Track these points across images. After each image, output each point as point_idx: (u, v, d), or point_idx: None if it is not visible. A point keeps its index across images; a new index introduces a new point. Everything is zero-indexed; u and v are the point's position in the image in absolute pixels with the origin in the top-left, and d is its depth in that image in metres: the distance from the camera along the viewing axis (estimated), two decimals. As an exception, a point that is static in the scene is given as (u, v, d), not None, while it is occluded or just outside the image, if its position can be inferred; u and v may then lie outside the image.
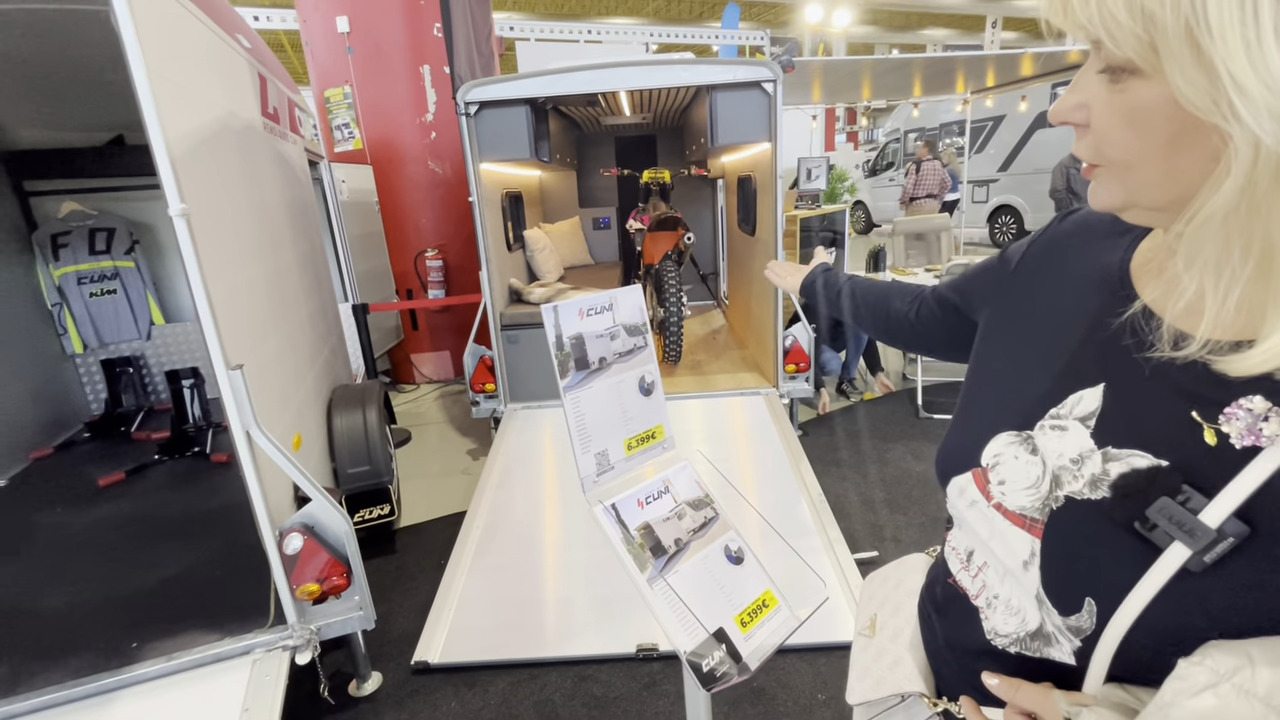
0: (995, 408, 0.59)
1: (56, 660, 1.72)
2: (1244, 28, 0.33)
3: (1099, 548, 0.48)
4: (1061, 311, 0.57)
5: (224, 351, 1.53)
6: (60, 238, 3.50)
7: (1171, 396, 0.46)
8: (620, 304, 1.07)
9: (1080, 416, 0.51)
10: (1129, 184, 0.44)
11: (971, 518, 0.59)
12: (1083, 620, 0.49)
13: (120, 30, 1.32)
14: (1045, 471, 0.52)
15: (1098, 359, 0.52)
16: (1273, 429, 0.41)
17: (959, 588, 0.63)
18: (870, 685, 0.73)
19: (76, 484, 2.85)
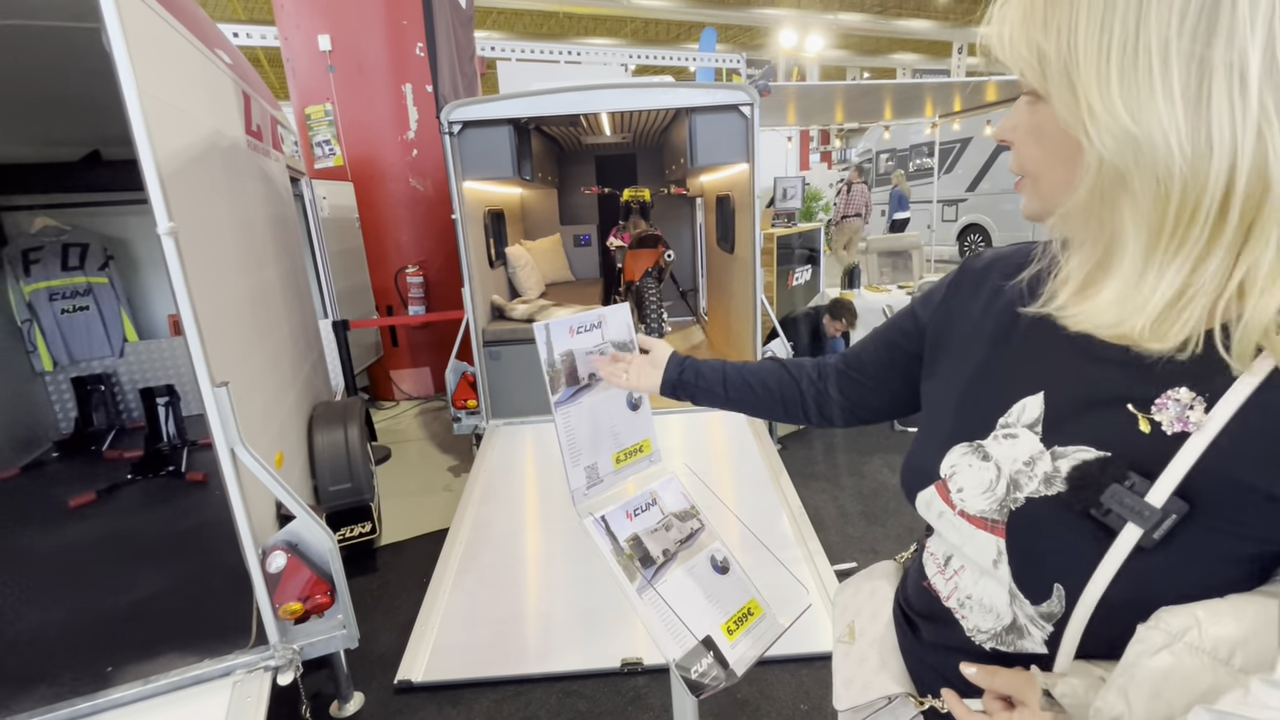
0: (947, 424, 0.65)
1: (27, 687, 1.67)
2: (1098, 68, 0.44)
3: (1061, 537, 0.52)
4: (992, 333, 0.63)
5: (209, 368, 1.53)
6: (32, 253, 3.44)
7: (1105, 395, 0.52)
8: (609, 322, 1.11)
9: (1027, 423, 0.57)
10: (1041, 192, 0.53)
11: (942, 527, 0.64)
12: (1053, 605, 0.53)
13: (112, 48, 1.34)
14: (1000, 475, 0.57)
15: (1031, 370, 0.58)
16: (1197, 415, 0.47)
17: (932, 590, 0.67)
18: (858, 690, 0.76)
19: (45, 505, 2.77)
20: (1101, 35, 0.43)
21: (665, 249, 4.06)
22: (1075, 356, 0.55)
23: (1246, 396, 0.45)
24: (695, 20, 16.74)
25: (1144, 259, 0.46)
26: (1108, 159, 0.44)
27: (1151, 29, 0.42)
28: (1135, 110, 0.43)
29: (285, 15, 4.60)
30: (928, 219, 10.29)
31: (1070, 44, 0.45)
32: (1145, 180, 0.44)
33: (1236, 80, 0.40)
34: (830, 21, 16.67)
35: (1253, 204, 0.41)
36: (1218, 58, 0.40)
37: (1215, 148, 0.41)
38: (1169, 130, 0.42)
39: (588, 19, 17.93)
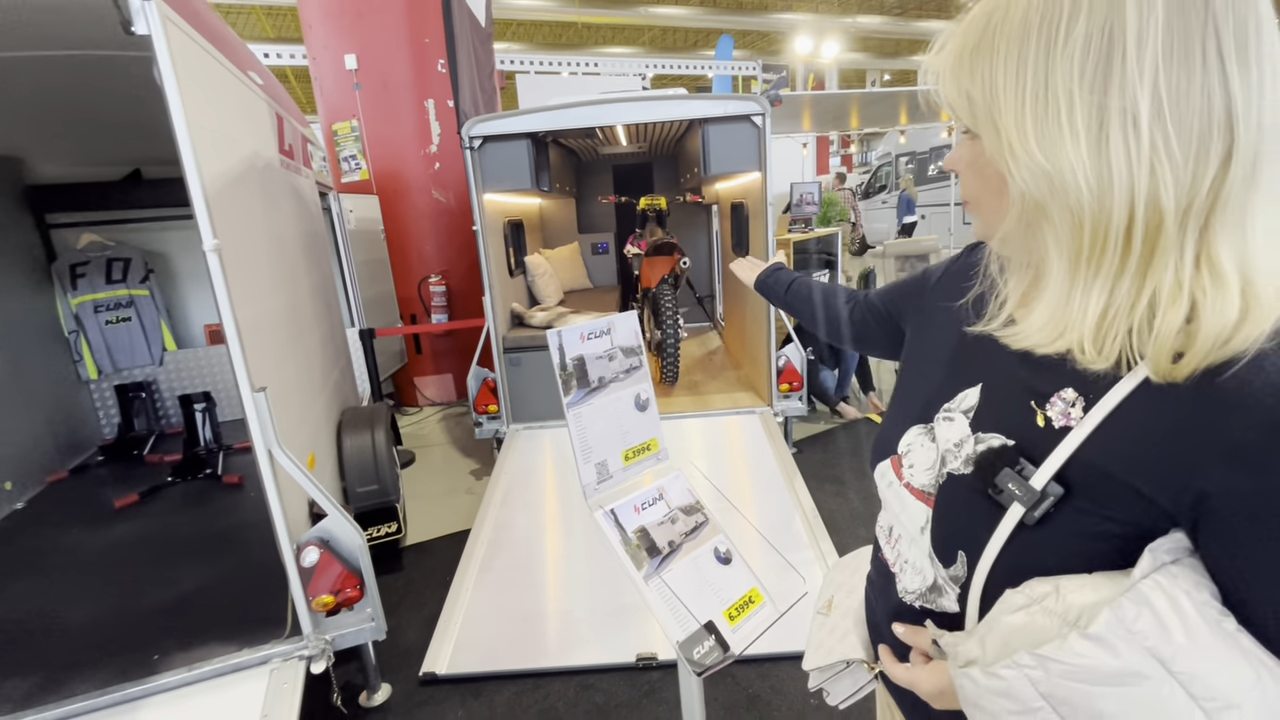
0: (909, 405, 0.73)
1: (83, 671, 1.80)
2: (1016, 113, 0.50)
3: (967, 511, 0.60)
4: (954, 325, 0.71)
5: (249, 374, 1.64)
6: (79, 268, 3.64)
7: (1019, 390, 0.59)
8: (617, 328, 1.19)
9: (964, 410, 0.64)
10: (981, 217, 0.61)
11: (889, 496, 0.72)
12: (958, 570, 0.61)
13: (162, 78, 1.46)
14: (937, 455, 0.65)
15: (977, 362, 0.66)
16: (1077, 413, 0.53)
17: (883, 558, 0.75)
18: (821, 655, 0.85)
19: (93, 506, 2.94)
20: (1017, 84, 0.50)
21: (681, 256, 4.13)
22: (1007, 355, 0.62)
23: (1119, 401, 0.51)
24: (712, 27, 16.83)
25: (1069, 281, 0.52)
26: (1028, 192, 0.51)
27: (1058, 79, 0.48)
28: (1048, 150, 0.49)
29: (314, 36, 4.78)
30: (947, 222, 10.23)
31: (992, 91, 0.52)
32: (1060, 211, 0.50)
33: (1130, 124, 0.46)
34: (849, 25, 16.64)
35: (1152, 231, 0.47)
36: (1113, 104, 0.46)
37: (1115, 182, 0.47)
38: (1076, 167, 0.48)
39: (605, 28, 18.13)
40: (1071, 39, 0.47)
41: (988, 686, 0.51)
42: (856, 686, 0.82)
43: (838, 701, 0.84)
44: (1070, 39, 0.47)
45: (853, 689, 0.83)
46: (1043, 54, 0.48)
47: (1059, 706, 0.48)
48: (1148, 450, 0.49)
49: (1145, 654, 0.45)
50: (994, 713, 0.51)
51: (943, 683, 0.61)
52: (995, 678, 0.50)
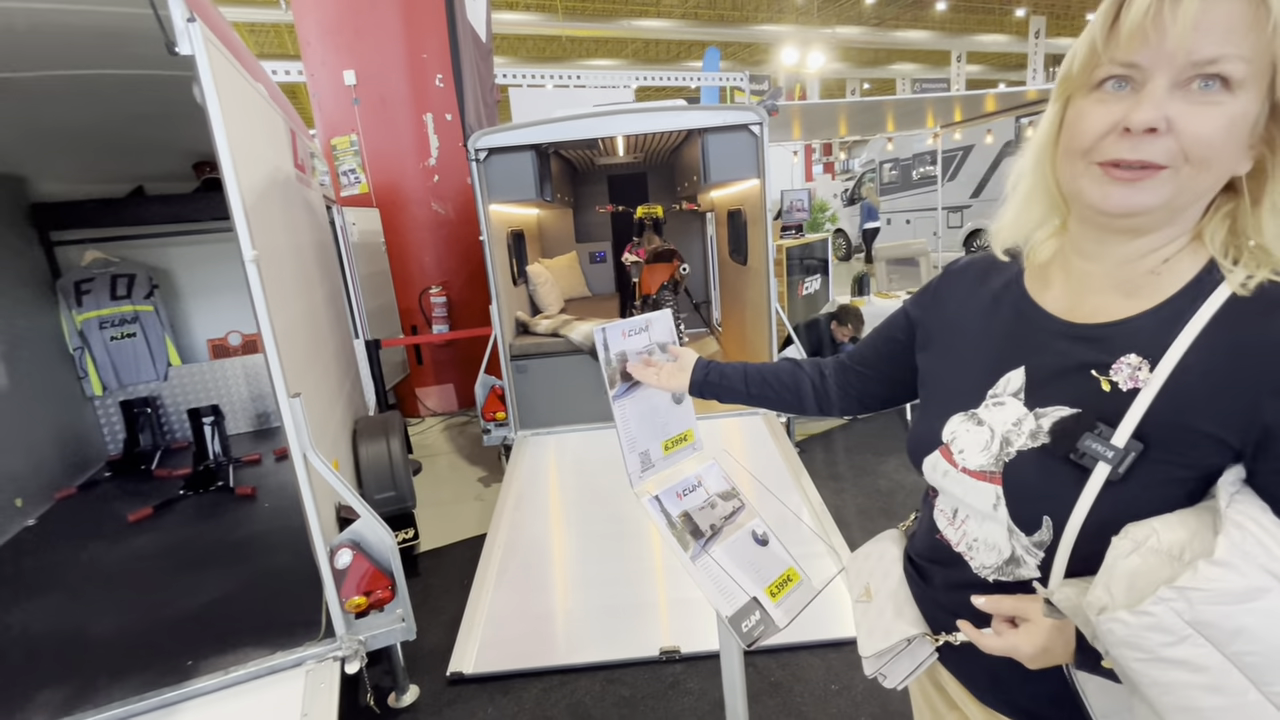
0: (945, 400, 0.78)
1: (118, 679, 1.82)
2: None
3: (1047, 479, 0.65)
4: (978, 321, 0.78)
5: (285, 381, 1.69)
6: (83, 284, 3.65)
7: (1073, 364, 0.66)
8: (655, 325, 1.26)
9: (1012, 392, 0.70)
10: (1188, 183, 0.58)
11: (948, 484, 0.76)
12: (1043, 535, 0.66)
13: (204, 96, 1.51)
14: (994, 436, 0.70)
15: (1014, 348, 0.72)
16: (1144, 374, 0.61)
17: (944, 540, 0.79)
18: (880, 637, 0.85)
19: (105, 520, 2.94)
20: None
21: (680, 263, 4.22)
22: (1043, 337, 0.68)
23: (1181, 355, 0.58)
24: (694, 39, 17.11)
25: None
26: None
27: None
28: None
29: (311, 52, 4.84)
30: (933, 226, 10.44)
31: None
32: None
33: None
34: (829, 35, 16.98)
35: None
36: None
37: None
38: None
39: (589, 41, 18.35)
40: None
41: (1139, 624, 0.54)
42: (916, 663, 0.84)
43: (895, 683, 0.86)
44: None
45: (912, 666, 0.84)
46: None
47: (1204, 630, 0.52)
48: (1215, 395, 0.57)
49: (1261, 570, 0.51)
50: (1150, 648, 0.54)
51: (1042, 641, 0.65)
52: (1145, 615, 0.54)
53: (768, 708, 1.96)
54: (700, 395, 1.14)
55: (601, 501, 3.02)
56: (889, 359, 0.94)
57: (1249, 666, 0.52)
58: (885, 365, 0.96)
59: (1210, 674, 0.52)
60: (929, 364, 0.85)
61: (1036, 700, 0.73)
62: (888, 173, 11.79)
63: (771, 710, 1.95)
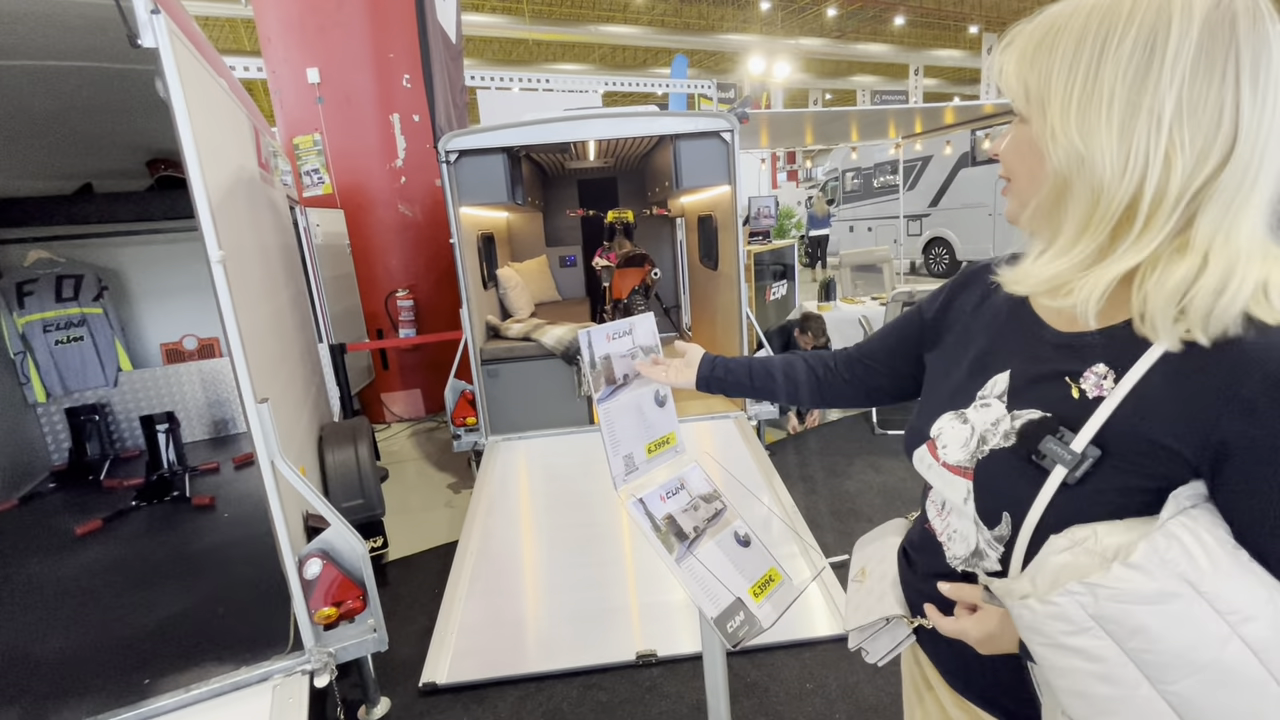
0: (939, 398, 0.82)
1: (66, 701, 1.73)
2: (1063, 102, 0.60)
3: (1010, 477, 0.68)
4: (980, 324, 0.81)
5: (253, 386, 1.64)
6: (26, 285, 3.47)
7: (1049, 371, 0.69)
8: (638, 329, 1.26)
9: (998, 395, 0.73)
10: (1014, 195, 0.70)
11: (931, 477, 0.80)
12: (1002, 530, 0.69)
13: (168, 90, 1.46)
14: (973, 434, 0.73)
15: (1005, 352, 0.75)
16: (1109, 384, 0.63)
17: (930, 530, 0.83)
18: (863, 614, 0.92)
19: (50, 534, 2.79)
20: (1069, 77, 0.60)
21: (651, 267, 4.24)
22: (1033, 344, 0.72)
23: (1145, 371, 0.61)
24: (660, 46, 17.25)
25: (1073, 241, 0.62)
26: (1060, 169, 0.61)
27: (1104, 77, 0.58)
28: (1085, 135, 0.59)
29: (273, 49, 4.72)
30: (894, 234, 10.73)
31: (1047, 82, 0.62)
32: (1082, 187, 0.60)
33: (1155, 121, 0.56)
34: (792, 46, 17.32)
35: (1153, 209, 0.58)
36: (1145, 103, 0.57)
37: (1131, 167, 0.57)
38: (1105, 152, 0.58)
39: (556, 45, 18.31)
40: (1121, 46, 0.57)
41: (1044, 612, 0.58)
42: (895, 642, 0.89)
43: (876, 659, 0.91)
44: (1120, 46, 0.57)
45: (890, 645, 0.89)
46: (1096, 55, 0.58)
47: (1106, 624, 0.55)
48: (1174, 410, 0.58)
49: (1177, 578, 0.53)
50: (1050, 634, 0.58)
51: (989, 628, 0.69)
52: (1050, 604, 0.57)
53: (744, 708, 1.97)
54: (707, 390, 1.17)
55: (574, 506, 3.00)
56: (897, 355, 0.97)
57: (1146, 664, 0.54)
58: (893, 360, 0.98)
59: (1105, 665, 0.56)
60: (933, 363, 0.89)
61: (994, 687, 0.78)
62: (850, 181, 12.07)
63: (748, 710, 1.96)
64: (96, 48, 1.79)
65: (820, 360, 1.08)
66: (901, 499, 3.28)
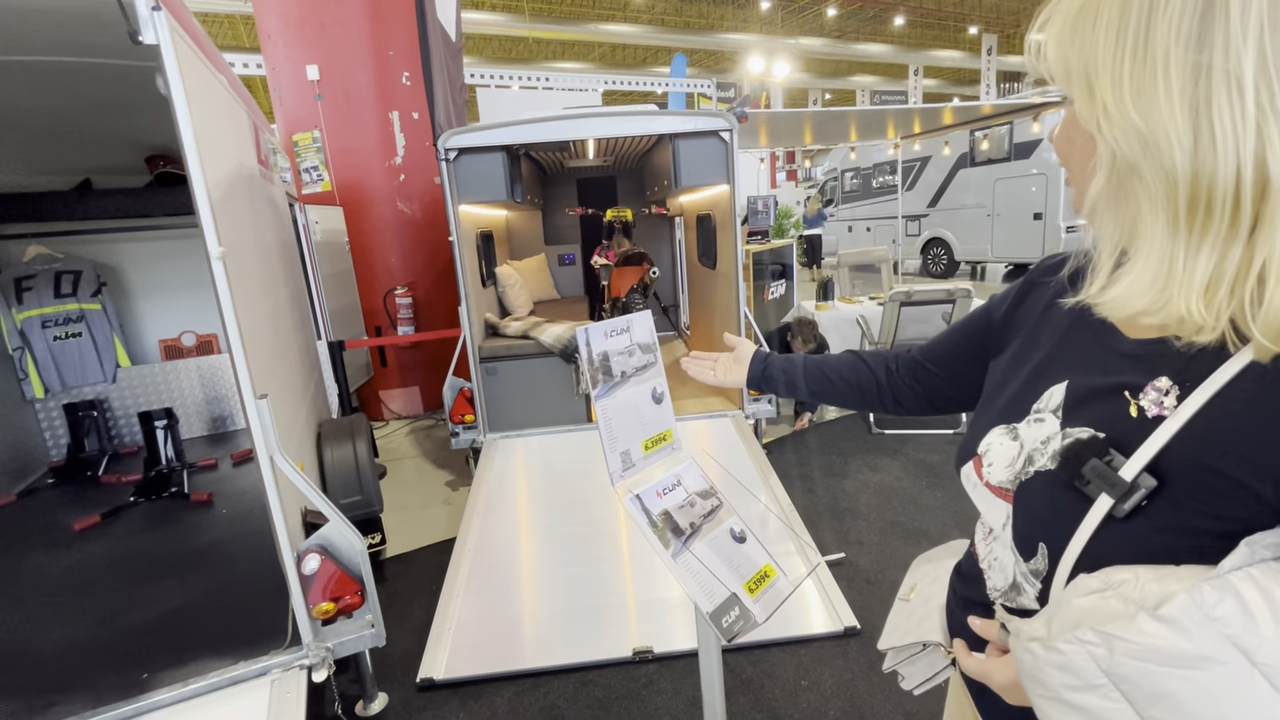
0: (992, 410, 0.73)
1: (66, 695, 1.73)
2: (1113, 74, 0.50)
3: (1050, 504, 0.59)
4: (1040, 330, 0.72)
5: (252, 382, 1.64)
6: (24, 281, 3.47)
7: (1110, 383, 0.58)
8: (635, 326, 1.27)
9: (1053, 409, 0.63)
10: (1073, 185, 0.59)
11: (976, 497, 0.71)
12: (1038, 563, 0.60)
13: (169, 87, 1.46)
14: (1021, 452, 0.64)
15: (1066, 360, 0.65)
16: (1170, 401, 0.53)
17: (975, 553, 0.75)
18: (899, 635, 0.85)
19: (49, 529, 2.80)
20: (1117, 44, 0.50)
21: (650, 266, 4.25)
22: (1097, 350, 0.61)
23: (1219, 388, 0.50)
24: (660, 45, 17.25)
25: (1169, 241, 0.50)
26: (1119, 152, 0.50)
27: (1157, 38, 0.48)
28: (1143, 109, 0.48)
29: (272, 46, 4.72)
30: (892, 234, 10.75)
31: (1092, 53, 0.51)
32: (1154, 171, 0.49)
33: (1234, 86, 0.45)
34: (792, 46, 17.32)
35: (1258, 196, 0.46)
36: (1216, 65, 0.45)
37: (1219, 145, 0.46)
38: (1169, 126, 0.47)
39: (556, 44, 18.31)
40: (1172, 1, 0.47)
41: (1045, 660, 0.49)
42: (932, 671, 0.82)
43: (912, 686, 0.84)
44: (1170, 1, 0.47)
45: (928, 673, 0.83)
46: (1145, 14, 0.48)
47: (1121, 684, 0.46)
48: (1251, 438, 0.48)
49: (1224, 641, 0.43)
50: (1052, 687, 0.49)
51: (1015, 674, 0.57)
52: (1055, 651, 0.49)
53: (740, 705, 1.98)
54: (757, 389, 1.13)
55: (571, 504, 3.01)
56: (962, 359, 0.88)
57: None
58: (957, 364, 0.89)
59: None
60: (994, 370, 0.78)
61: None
62: (849, 181, 12.08)
63: (744, 707, 1.98)
64: (97, 44, 1.79)
65: (881, 362, 1.00)
66: (899, 498, 3.29)
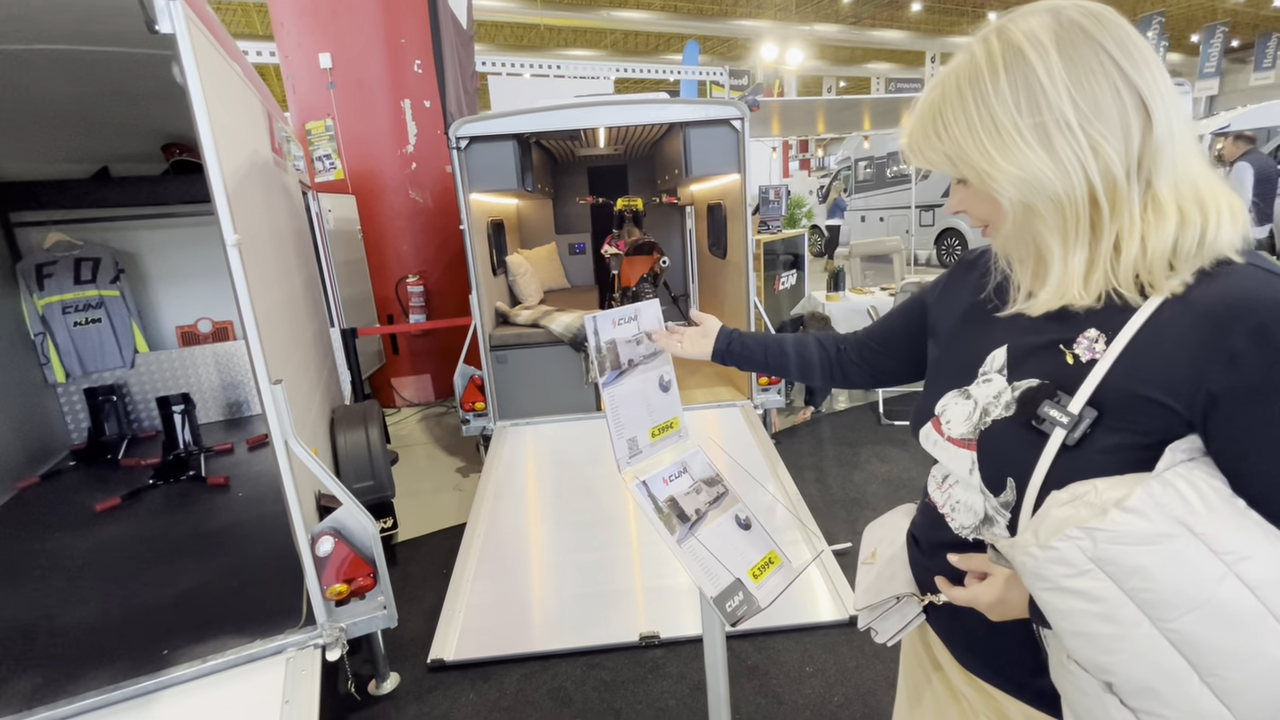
0: (943, 378, 0.85)
1: (89, 669, 1.79)
2: (980, 151, 0.68)
3: (1012, 444, 0.71)
4: (977, 307, 0.85)
5: (267, 367, 1.68)
6: (45, 268, 3.53)
7: (1044, 341, 0.72)
8: (643, 315, 1.28)
9: (997, 369, 0.77)
10: (994, 232, 0.76)
11: (937, 452, 0.83)
12: (1008, 495, 0.72)
13: (185, 76, 1.49)
14: (976, 408, 0.77)
15: (1002, 329, 0.79)
16: (1100, 346, 0.67)
17: (931, 503, 0.86)
18: (873, 593, 0.94)
19: (71, 510, 2.87)
20: (971, 132, 0.68)
21: (660, 255, 4.25)
22: (1029, 318, 0.75)
23: (1135, 331, 0.64)
24: (673, 32, 17.09)
25: (1063, 251, 0.68)
26: (1015, 199, 0.68)
27: (1000, 117, 0.66)
28: (1016, 164, 0.66)
29: (285, 34, 4.73)
30: (905, 224, 10.64)
31: (957, 145, 0.69)
32: (1044, 203, 0.66)
33: (1065, 128, 0.64)
34: (806, 33, 17.10)
35: (1110, 191, 0.64)
36: (1048, 119, 0.64)
37: (1070, 170, 0.64)
38: (1040, 168, 0.65)
39: (568, 31, 18.19)
40: (998, 88, 0.66)
41: (1044, 557, 0.60)
42: (904, 621, 0.91)
43: (886, 638, 0.93)
44: (997, 88, 0.66)
45: (900, 624, 0.91)
46: (981, 104, 0.67)
47: (1105, 566, 0.58)
48: (1164, 366, 0.62)
49: (1172, 520, 0.56)
50: (1052, 578, 0.60)
51: (999, 591, 0.72)
52: (1051, 549, 0.60)
53: (745, 690, 2.01)
54: (722, 362, 1.21)
55: (580, 491, 3.04)
56: (900, 338, 1.03)
57: (1145, 602, 0.57)
58: (897, 343, 1.04)
59: (1106, 605, 0.58)
60: (934, 347, 0.93)
61: (1007, 660, 0.79)
62: (863, 170, 11.95)
63: (749, 692, 2.00)
64: (115, 33, 1.82)
65: (832, 341, 1.14)
66: (907, 488, 3.29)
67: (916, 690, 1.00)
